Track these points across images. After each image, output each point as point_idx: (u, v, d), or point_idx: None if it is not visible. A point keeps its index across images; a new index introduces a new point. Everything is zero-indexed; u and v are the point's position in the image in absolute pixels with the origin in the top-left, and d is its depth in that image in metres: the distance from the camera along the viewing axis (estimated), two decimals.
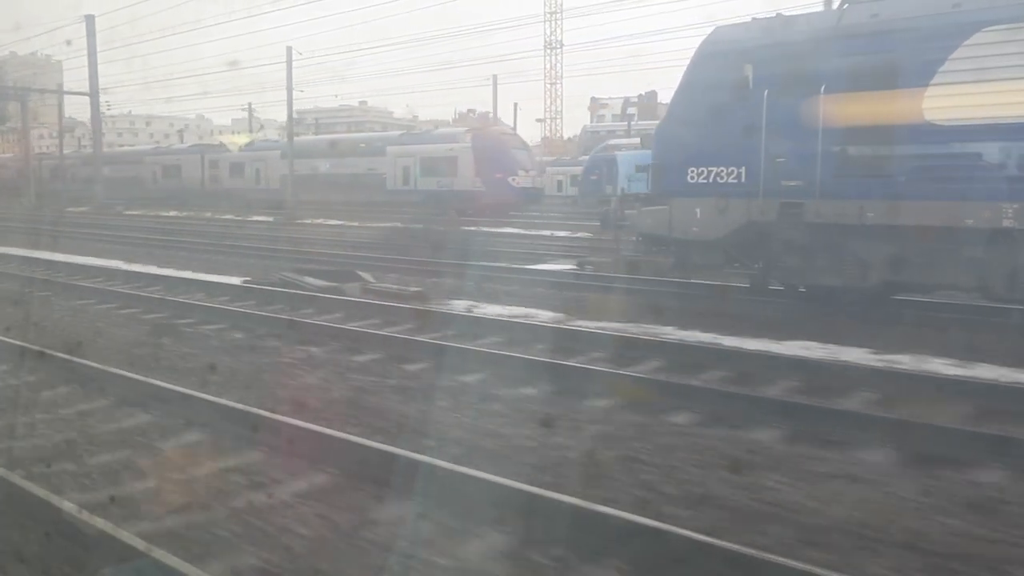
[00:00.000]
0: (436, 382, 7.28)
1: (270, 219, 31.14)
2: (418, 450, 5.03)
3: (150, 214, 36.68)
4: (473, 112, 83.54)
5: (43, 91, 60.88)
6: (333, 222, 27.04)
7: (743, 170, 10.80)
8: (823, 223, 10.17)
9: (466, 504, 4.32)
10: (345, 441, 5.20)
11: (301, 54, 43.54)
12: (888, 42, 9.64)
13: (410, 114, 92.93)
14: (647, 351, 8.35)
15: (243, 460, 5.20)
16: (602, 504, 4.15)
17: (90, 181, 46.42)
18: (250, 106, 63.20)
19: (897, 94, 9.55)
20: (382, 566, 3.88)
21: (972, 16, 9.10)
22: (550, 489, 4.36)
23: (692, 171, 11.21)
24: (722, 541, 3.67)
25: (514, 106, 51.49)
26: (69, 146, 64.96)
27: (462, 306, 11.35)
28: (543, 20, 66.82)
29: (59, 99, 56.51)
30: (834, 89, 9.93)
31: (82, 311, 11.42)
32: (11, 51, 71.80)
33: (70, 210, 38.55)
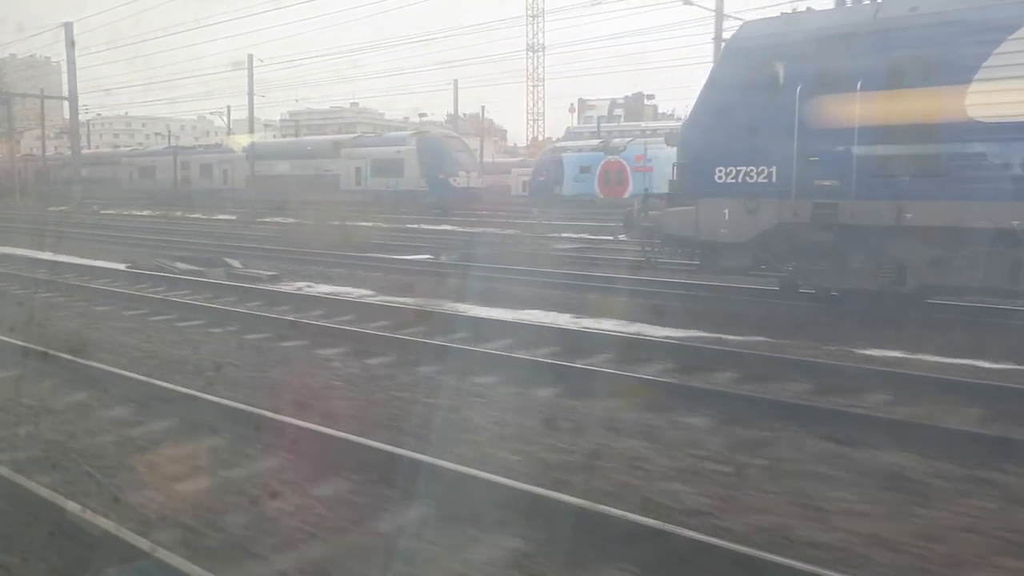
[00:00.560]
0: (226, 338, 9.44)
1: (233, 217, 32.52)
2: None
3: (124, 213, 37.91)
4: (465, 114, 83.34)
5: (24, 95, 61.94)
6: (287, 220, 28.67)
7: (774, 170, 10.44)
8: (859, 224, 9.81)
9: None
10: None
11: (262, 60, 47.61)
12: (929, 37, 9.29)
13: (414, 115, 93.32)
14: (416, 318, 10.33)
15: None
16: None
17: (71, 182, 47.67)
18: (229, 109, 63.90)
19: (939, 91, 9.20)
20: None
21: (1018, 9, 8.77)
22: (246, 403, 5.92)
23: (720, 171, 10.84)
24: None
25: (481, 109, 52.20)
26: (67, 147, 64.54)
27: (300, 286, 13.81)
28: (525, 23, 66.61)
29: (41, 103, 57.14)
30: (871, 86, 9.58)
31: None
32: (11, 53, 71.53)
33: (51, 209, 39.56)
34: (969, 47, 8.97)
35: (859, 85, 9.61)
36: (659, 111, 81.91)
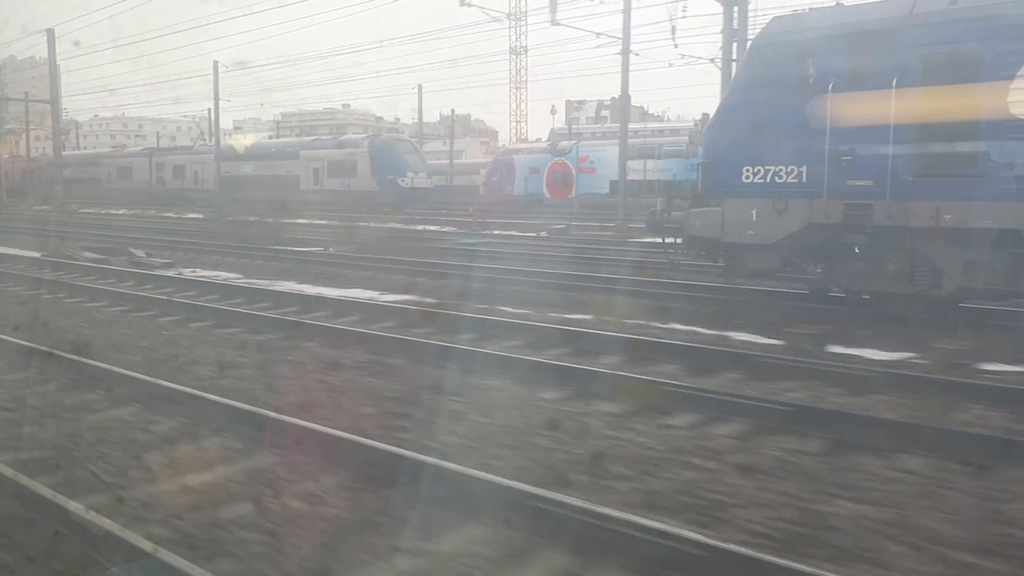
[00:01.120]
0: (100, 311, 11.11)
1: (200, 216, 33.94)
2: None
3: (100, 212, 39.12)
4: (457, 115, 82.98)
5: (7, 99, 63.01)
6: (250, 218, 29.53)
7: (804, 169, 10.13)
8: (894, 226, 9.52)
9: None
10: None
11: (227, 67, 47.56)
12: (968, 32, 8.99)
13: (414, 116, 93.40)
14: (258, 296, 12.00)
15: None
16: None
17: (55, 182, 49.58)
18: (210, 112, 62.96)
19: (979, 88, 8.91)
20: None
21: None
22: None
23: (747, 170, 10.53)
24: None
25: (451, 111, 52.89)
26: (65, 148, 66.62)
27: (186, 272, 15.62)
28: (507, 25, 66.37)
29: (25, 106, 57.47)
30: (907, 83, 9.28)
31: None
32: (11, 55, 71.15)
33: (35, 208, 40.92)
34: (1011, 42, 8.68)
35: (895, 82, 9.32)
36: (647, 112, 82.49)
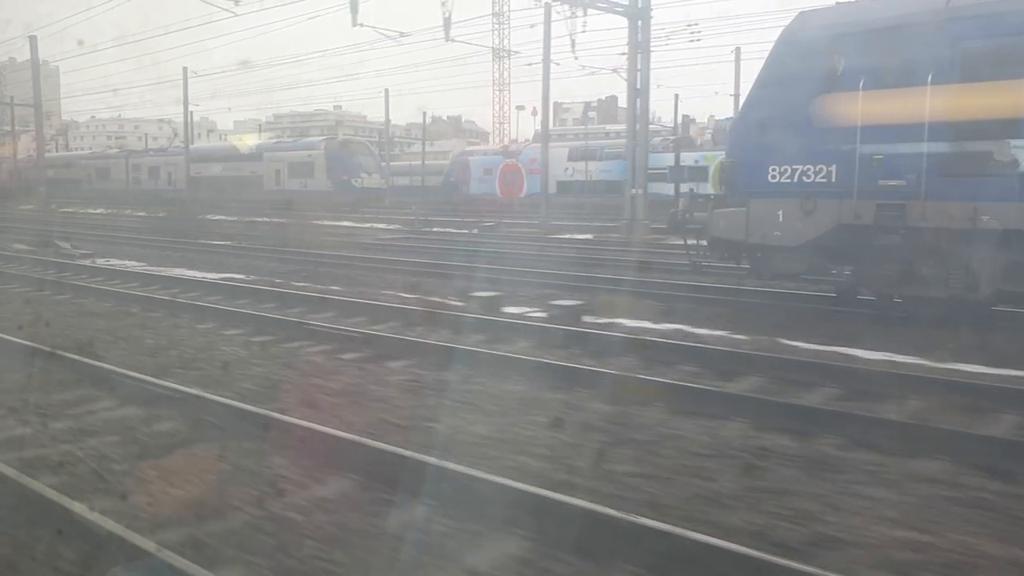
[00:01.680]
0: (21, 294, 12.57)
1: (164, 214, 35.26)
2: None
3: (79, 211, 40.53)
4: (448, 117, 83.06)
5: None
6: (220, 217, 31.63)
7: (833, 168, 9.82)
8: (928, 227, 9.21)
9: None
10: None
11: (196, 73, 48.05)
12: (1008, 26, 8.70)
13: (416, 116, 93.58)
14: (150, 280, 13.88)
15: None
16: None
17: (39, 183, 51.93)
18: (192, 114, 64.11)
19: (1019, 84, 8.63)
20: None
21: None
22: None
23: (774, 169, 10.21)
24: None
25: (423, 115, 54.35)
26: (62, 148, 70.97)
27: (100, 261, 17.21)
28: (491, 29, 66.34)
29: (11, 109, 58.57)
30: (943, 79, 8.98)
31: None
32: (10, 57, 70.96)
33: (20, 208, 42.18)
34: None
35: (930, 78, 9.02)
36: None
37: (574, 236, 23.20)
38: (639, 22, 23.66)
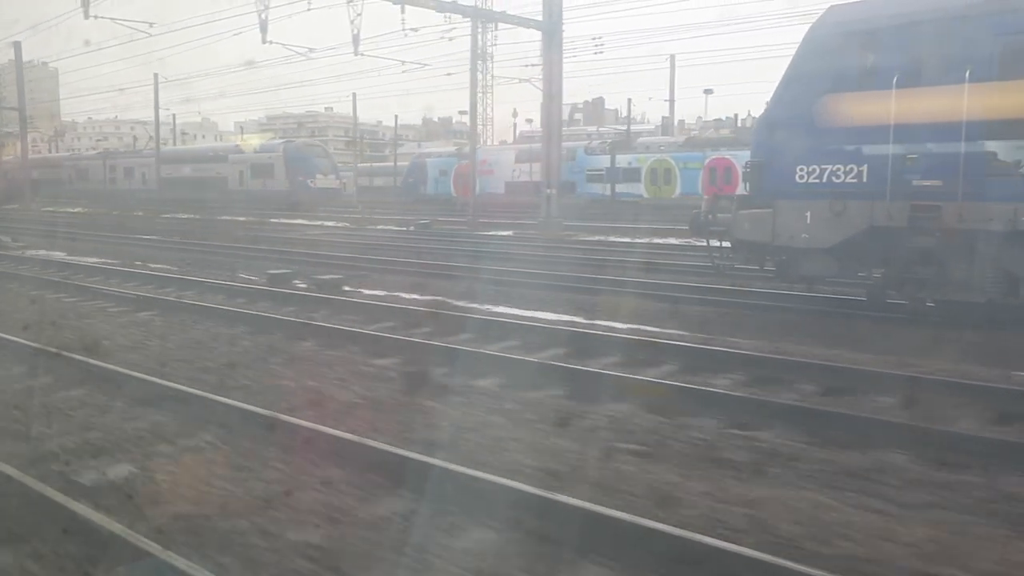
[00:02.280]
0: None
1: (141, 213, 36.66)
2: None
3: (58, 210, 41.39)
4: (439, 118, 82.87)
5: None
6: (184, 216, 33.36)
7: (864, 168, 9.49)
8: (965, 229, 8.90)
9: None
10: None
11: (167, 79, 52.98)
12: None
13: (415, 118, 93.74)
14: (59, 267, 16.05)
15: None
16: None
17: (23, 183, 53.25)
18: (174, 117, 65.87)
19: None
20: None
21: None
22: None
23: (801, 169, 9.88)
24: None
25: (395, 117, 56.66)
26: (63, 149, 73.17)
27: (31, 252, 19.09)
28: (471, 32, 65.93)
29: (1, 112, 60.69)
30: (982, 76, 8.67)
31: None
32: (9, 59, 70.76)
33: (4, 207, 43.66)
34: None
35: (967, 75, 8.71)
36: (621, 115, 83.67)
37: (493, 232, 24.57)
38: (552, 37, 25.32)
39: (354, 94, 54.34)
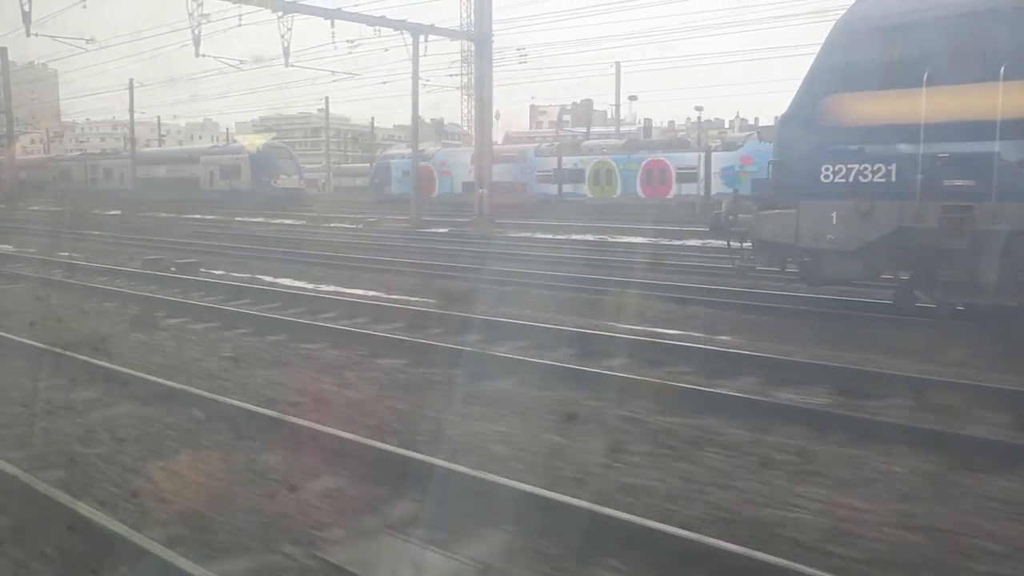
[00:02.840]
0: None
1: (118, 212, 37.81)
2: None
3: (39, 209, 42.58)
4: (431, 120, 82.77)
5: None
6: (162, 214, 34.94)
7: (893, 167, 9.20)
8: (1001, 230, 8.61)
9: None
10: None
11: (143, 83, 53.50)
12: None
13: (387, 122, 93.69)
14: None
15: None
16: None
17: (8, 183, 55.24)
18: (159, 119, 69.12)
19: None
20: None
21: None
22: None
23: (826, 169, 9.57)
24: None
25: (372, 119, 60.77)
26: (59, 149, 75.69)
27: None
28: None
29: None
30: (1018, 72, 8.39)
31: None
32: (10, 60, 70.46)
33: None
34: None
35: (1002, 71, 8.42)
36: (608, 117, 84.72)
37: (429, 230, 27.06)
38: (483, 46, 27.01)
39: (327, 98, 58.21)
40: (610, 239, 21.75)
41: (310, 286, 13.71)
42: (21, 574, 3.65)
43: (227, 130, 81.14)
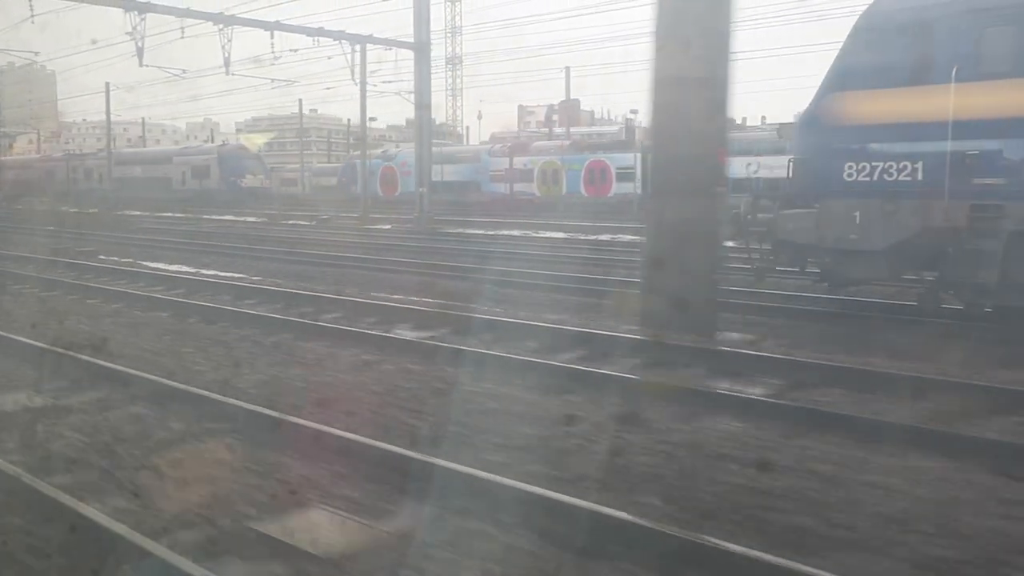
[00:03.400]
0: None
1: (95, 210, 38.36)
2: None
3: (23, 208, 43.55)
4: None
5: None
6: (135, 213, 35.89)
7: (919, 166, 8.96)
8: None
9: None
10: None
11: (118, 87, 54.41)
12: None
13: (382, 122, 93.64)
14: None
15: None
16: None
17: None
18: (144, 120, 69.85)
19: None
20: None
21: None
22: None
23: (850, 167, 9.33)
24: None
25: (347, 121, 62.97)
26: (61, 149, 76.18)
27: None
28: (444, 36, 66.05)
29: None
30: None
31: None
32: (9, 61, 70.07)
33: None
34: None
35: None
36: (596, 116, 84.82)
37: (374, 226, 28.54)
38: (422, 53, 28.09)
39: (300, 100, 59.39)
40: (533, 234, 23.23)
41: (191, 270, 15.08)
42: None
43: (211, 132, 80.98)
